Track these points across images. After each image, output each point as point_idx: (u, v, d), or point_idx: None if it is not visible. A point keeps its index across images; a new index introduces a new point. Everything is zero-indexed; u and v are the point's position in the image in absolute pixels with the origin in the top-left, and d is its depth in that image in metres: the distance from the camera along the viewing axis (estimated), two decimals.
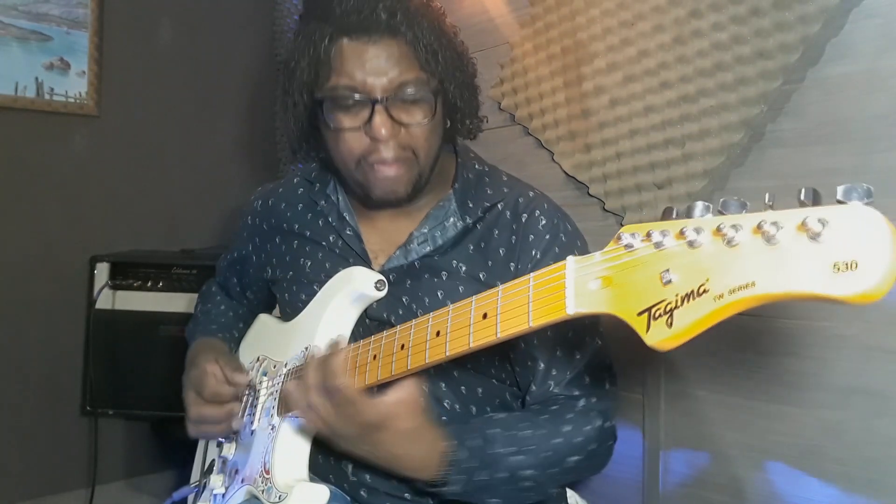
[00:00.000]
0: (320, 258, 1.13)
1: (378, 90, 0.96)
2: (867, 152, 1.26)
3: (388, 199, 1.04)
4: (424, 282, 1.05)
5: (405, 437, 0.86)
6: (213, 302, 1.38)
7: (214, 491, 1.12)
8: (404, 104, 0.98)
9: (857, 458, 1.27)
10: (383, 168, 1.00)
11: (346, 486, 1.05)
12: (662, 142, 1.56)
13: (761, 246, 0.49)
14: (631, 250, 0.59)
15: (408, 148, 1.00)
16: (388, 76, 0.96)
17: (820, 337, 1.32)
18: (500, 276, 1.03)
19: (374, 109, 0.96)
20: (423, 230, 1.07)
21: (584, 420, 0.98)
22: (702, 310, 0.52)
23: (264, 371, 1.16)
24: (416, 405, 0.85)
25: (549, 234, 1.04)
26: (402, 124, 0.98)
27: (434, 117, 1.01)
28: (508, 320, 0.70)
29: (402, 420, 0.84)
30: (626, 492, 1.65)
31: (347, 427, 0.86)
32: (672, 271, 0.54)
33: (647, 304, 0.56)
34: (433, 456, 0.87)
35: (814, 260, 0.47)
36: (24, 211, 2.37)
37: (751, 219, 0.51)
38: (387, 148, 0.98)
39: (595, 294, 0.61)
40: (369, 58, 0.96)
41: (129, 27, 2.58)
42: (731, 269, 0.51)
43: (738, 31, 1.39)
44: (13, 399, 2.34)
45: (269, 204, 1.24)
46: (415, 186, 1.04)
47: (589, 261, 0.63)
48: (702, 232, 0.53)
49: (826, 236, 0.47)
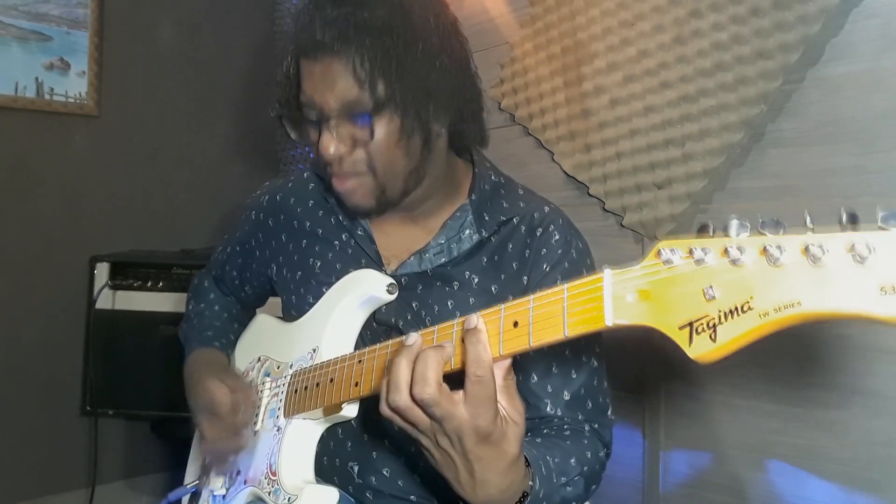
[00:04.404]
0: (330, 259, 1.12)
1: (325, 109, 0.95)
2: (867, 152, 1.26)
3: (356, 211, 1.03)
4: (436, 290, 1.04)
5: (508, 463, 0.74)
6: (206, 301, 1.35)
7: (215, 492, 1.12)
8: (350, 123, 0.95)
9: (857, 458, 1.27)
10: (337, 182, 0.99)
11: (350, 489, 1.05)
12: (662, 142, 1.56)
13: (807, 267, 0.52)
14: (670, 266, 0.60)
15: (362, 163, 0.97)
16: (331, 95, 0.94)
17: (820, 337, 1.32)
18: (511, 289, 1.02)
19: (319, 128, 0.96)
20: (440, 241, 1.06)
21: (596, 447, 0.99)
22: (746, 325, 0.54)
23: (266, 372, 1.15)
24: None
25: (561, 249, 1.04)
26: (352, 142, 0.96)
27: (387, 132, 0.95)
28: (542, 329, 0.70)
29: (514, 443, 0.75)
30: (626, 492, 1.65)
31: (480, 420, 0.72)
32: (715, 287, 0.57)
33: (689, 318, 0.58)
34: (515, 493, 0.78)
35: (861, 282, 0.49)
36: (24, 211, 2.38)
37: (796, 241, 0.53)
38: (336, 165, 0.97)
39: (633, 306, 0.62)
40: (315, 78, 0.95)
41: (129, 27, 2.59)
42: (776, 287, 0.53)
43: (738, 31, 1.39)
44: (13, 399, 2.34)
45: (277, 199, 1.21)
46: (378, 200, 1.00)
47: (627, 274, 0.64)
48: (745, 251, 0.55)
49: (873, 261, 0.49)
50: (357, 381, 0.91)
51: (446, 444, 0.73)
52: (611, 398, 1.06)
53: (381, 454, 1.04)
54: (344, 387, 0.93)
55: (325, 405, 0.97)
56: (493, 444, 0.72)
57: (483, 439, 0.71)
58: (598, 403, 1.03)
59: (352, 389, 0.92)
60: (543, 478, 0.83)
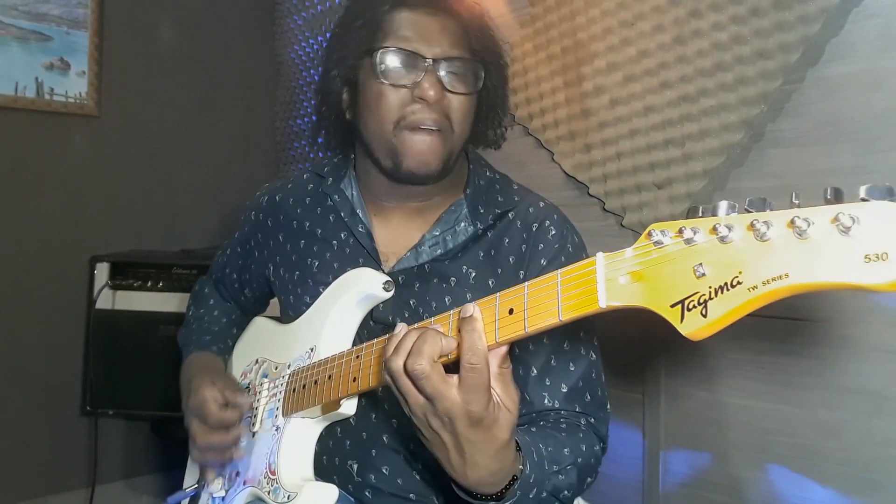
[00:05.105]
0: (328, 258, 1.12)
1: (431, 55, 1.01)
2: (867, 152, 1.26)
3: (419, 171, 1.03)
4: (433, 286, 1.05)
5: (499, 447, 0.76)
6: (206, 306, 1.35)
7: (214, 494, 1.12)
8: (453, 74, 1.03)
9: (857, 458, 1.27)
10: (420, 135, 1.01)
11: (350, 488, 1.05)
12: (662, 142, 1.56)
13: (793, 240, 0.53)
14: (661, 246, 0.61)
15: (448, 118, 1.03)
16: (441, 46, 1.02)
17: (820, 337, 1.32)
18: (509, 283, 1.02)
19: (425, 71, 1.00)
20: (435, 233, 1.07)
21: (591, 440, 0.99)
22: (736, 300, 0.55)
23: (264, 373, 1.15)
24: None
25: (557, 243, 1.06)
26: (449, 91, 1.02)
27: (472, 97, 1.06)
28: (537, 315, 0.71)
29: (505, 429, 0.76)
30: (626, 492, 1.65)
31: (473, 405, 0.73)
32: (705, 265, 0.58)
33: (680, 296, 0.59)
34: (504, 477, 0.79)
35: (846, 252, 0.50)
36: (24, 211, 2.38)
37: (782, 215, 0.54)
38: (430, 110, 1.01)
39: (626, 288, 0.64)
40: (426, 27, 1.02)
41: (129, 27, 2.59)
42: (764, 261, 0.54)
43: (738, 31, 1.39)
44: (13, 399, 2.34)
45: (276, 200, 1.22)
46: (444, 164, 1.04)
47: (619, 256, 0.65)
48: (733, 228, 0.56)
49: (856, 231, 0.50)
50: (355, 376, 0.92)
51: (437, 426, 0.75)
52: (607, 394, 1.06)
53: (381, 452, 1.04)
54: (342, 383, 0.94)
55: (324, 402, 0.97)
56: (485, 428, 0.74)
57: (475, 424, 0.73)
58: (597, 397, 1.03)
59: (350, 385, 0.92)
60: (535, 463, 0.84)
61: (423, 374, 0.72)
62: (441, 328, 0.78)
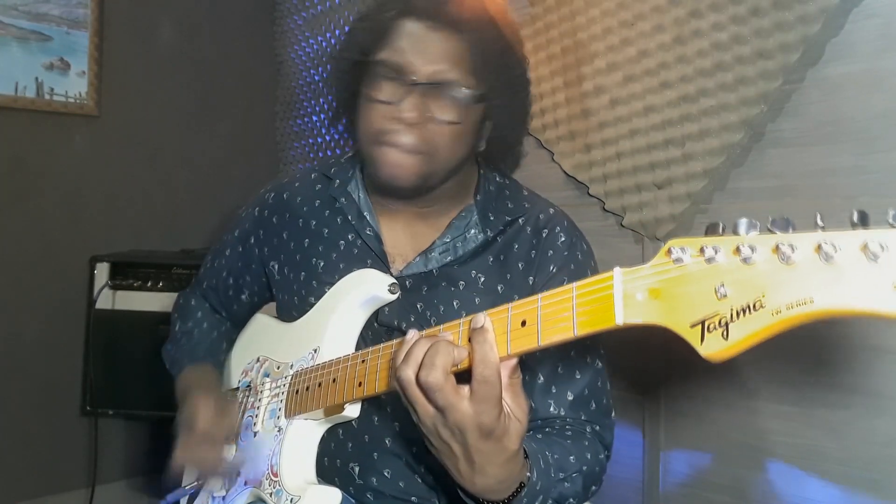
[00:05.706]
0: (334, 259, 1.11)
1: (421, 74, 0.96)
2: (867, 152, 1.26)
3: (391, 184, 1.01)
4: (441, 290, 1.04)
5: (508, 457, 0.75)
6: (194, 319, 1.28)
7: (214, 493, 1.12)
8: (441, 99, 0.97)
9: (857, 458, 1.27)
10: (394, 153, 0.98)
11: (351, 490, 1.05)
12: (662, 142, 1.56)
13: (819, 265, 0.52)
14: (681, 264, 0.60)
15: (428, 143, 0.98)
16: (436, 65, 0.96)
17: (820, 337, 1.32)
18: (518, 289, 1.03)
19: (410, 92, 0.96)
20: (446, 239, 1.06)
21: (597, 448, 0.99)
22: (758, 323, 0.55)
23: (266, 372, 1.15)
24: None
25: (567, 251, 1.05)
26: (431, 117, 0.97)
27: (464, 123, 0.99)
28: (551, 328, 0.70)
29: (515, 439, 0.75)
30: (626, 492, 1.65)
31: (484, 417, 0.72)
32: (727, 285, 0.56)
33: (700, 316, 0.58)
34: (511, 484, 0.79)
35: (875, 280, 0.49)
36: (24, 211, 2.38)
37: (808, 238, 0.53)
38: (408, 133, 0.97)
39: (643, 305, 0.62)
40: (426, 41, 0.96)
41: (129, 27, 2.59)
42: (788, 285, 0.53)
43: (738, 31, 1.39)
44: (13, 399, 2.34)
45: (284, 198, 1.19)
46: (422, 182, 1.01)
47: (637, 272, 0.64)
48: (756, 249, 0.55)
49: (885, 259, 0.49)
50: (361, 381, 0.91)
51: (447, 436, 0.74)
52: (612, 402, 1.06)
53: (383, 455, 1.03)
54: (347, 387, 0.93)
55: (328, 405, 0.97)
56: (496, 439, 0.73)
57: (486, 435, 0.72)
58: (602, 405, 1.03)
59: (355, 389, 0.92)
60: (542, 471, 0.84)
61: (437, 387, 0.71)
62: (451, 336, 0.77)
